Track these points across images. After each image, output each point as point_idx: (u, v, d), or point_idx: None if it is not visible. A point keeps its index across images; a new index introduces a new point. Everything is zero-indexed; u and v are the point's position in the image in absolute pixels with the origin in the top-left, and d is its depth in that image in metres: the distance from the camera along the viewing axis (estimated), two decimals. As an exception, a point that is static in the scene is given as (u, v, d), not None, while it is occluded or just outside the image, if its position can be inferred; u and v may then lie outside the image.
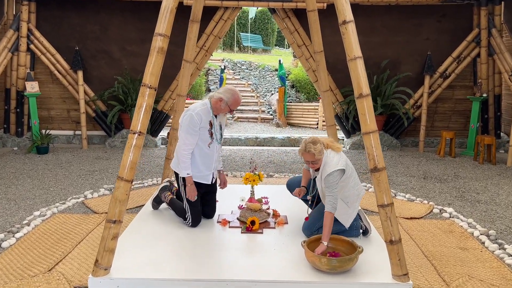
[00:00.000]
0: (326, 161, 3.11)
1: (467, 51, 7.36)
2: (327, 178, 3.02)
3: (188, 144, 3.32)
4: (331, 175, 3.02)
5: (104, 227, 2.66)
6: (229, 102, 3.37)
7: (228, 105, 3.38)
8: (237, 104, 3.43)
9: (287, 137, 8.26)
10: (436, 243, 3.66)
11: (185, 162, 3.33)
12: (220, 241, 3.22)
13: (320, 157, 3.07)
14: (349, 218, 3.21)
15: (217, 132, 3.49)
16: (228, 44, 18.36)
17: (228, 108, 3.40)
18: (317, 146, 3.05)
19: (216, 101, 3.40)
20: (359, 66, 2.67)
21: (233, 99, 3.38)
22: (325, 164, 3.10)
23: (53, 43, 7.42)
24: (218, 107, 3.40)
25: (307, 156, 3.10)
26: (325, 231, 2.89)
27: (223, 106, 3.38)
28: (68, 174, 5.78)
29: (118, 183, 2.66)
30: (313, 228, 3.21)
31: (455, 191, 5.17)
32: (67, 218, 4.15)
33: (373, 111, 2.70)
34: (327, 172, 3.04)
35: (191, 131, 3.31)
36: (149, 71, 2.71)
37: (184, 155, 3.32)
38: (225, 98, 3.36)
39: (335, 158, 3.12)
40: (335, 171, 3.04)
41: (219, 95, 3.39)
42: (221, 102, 3.37)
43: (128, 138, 2.69)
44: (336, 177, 3.03)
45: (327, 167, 3.08)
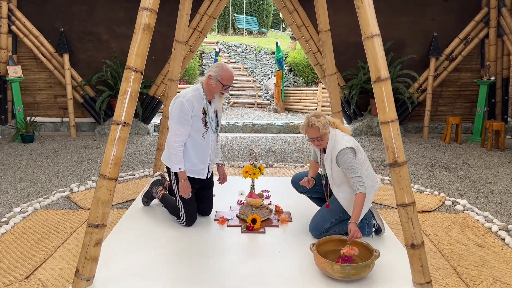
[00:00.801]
0: (335, 139, 2.82)
1: (475, 31, 6.99)
2: (341, 158, 2.72)
3: (180, 135, 2.97)
4: (344, 154, 2.72)
5: (85, 232, 2.32)
6: (219, 76, 2.98)
7: (219, 81, 2.99)
8: (228, 77, 3.01)
9: (285, 124, 7.91)
10: (453, 240, 3.37)
11: (177, 155, 2.98)
12: (218, 243, 2.89)
13: (325, 132, 2.78)
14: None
15: (212, 120, 3.13)
16: (222, 27, 17.81)
17: (220, 84, 3.00)
18: (320, 120, 2.76)
19: (206, 82, 3.04)
20: (377, 45, 2.31)
21: (222, 72, 2.99)
22: (335, 143, 2.81)
23: (36, 24, 6.96)
24: (210, 88, 3.04)
25: (310, 132, 2.79)
26: (356, 210, 2.64)
27: (214, 83, 3.00)
28: (53, 164, 5.42)
29: (100, 181, 2.31)
30: (321, 229, 2.89)
31: (465, 181, 4.88)
32: (50, 214, 3.80)
33: (392, 96, 2.35)
34: (337, 150, 2.74)
35: (182, 120, 2.95)
36: (134, 52, 2.34)
37: (175, 147, 2.97)
38: (213, 73, 2.99)
39: (345, 137, 2.82)
40: (346, 148, 2.74)
41: (207, 73, 3.05)
42: (211, 79, 3.00)
43: (111, 129, 2.33)
44: (351, 155, 2.72)
45: (337, 145, 2.79)
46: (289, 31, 16.88)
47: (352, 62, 7.27)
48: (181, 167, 3.00)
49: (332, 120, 2.91)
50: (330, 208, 2.88)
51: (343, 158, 2.73)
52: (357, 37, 7.26)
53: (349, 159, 2.72)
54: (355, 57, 7.30)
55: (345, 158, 2.72)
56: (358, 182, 2.70)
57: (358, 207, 2.65)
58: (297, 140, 7.12)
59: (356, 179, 2.70)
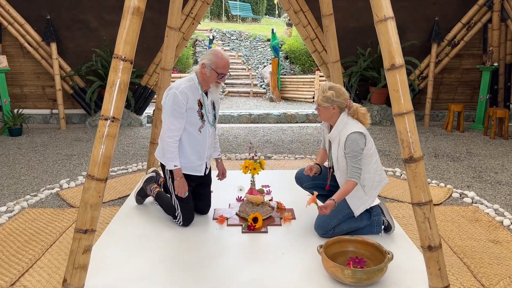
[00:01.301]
0: (346, 123, 2.67)
1: (478, 16, 6.77)
2: (349, 143, 2.59)
3: (174, 130, 2.75)
4: (354, 138, 2.59)
5: (73, 239, 2.12)
6: (214, 64, 2.75)
7: (213, 69, 2.76)
8: (224, 65, 2.78)
9: (283, 113, 7.69)
10: (464, 236, 3.21)
11: (172, 151, 2.77)
12: (218, 244, 2.70)
13: (323, 104, 2.67)
14: (361, 205, 2.72)
15: (209, 112, 2.91)
16: (216, 13, 17.43)
17: (215, 73, 2.77)
18: (328, 92, 2.66)
19: (200, 70, 2.81)
20: (391, 29, 2.10)
21: (216, 59, 2.76)
22: (345, 126, 2.67)
23: (21, 11, 6.64)
24: (204, 76, 2.81)
25: (317, 97, 2.74)
26: (341, 193, 2.62)
27: (208, 71, 2.77)
28: (42, 159, 5.18)
29: (88, 182, 2.10)
30: (328, 227, 2.71)
31: (471, 171, 4.72)
32: (38, 213, 3.59)
33: (408, 86, 2.15)
34: (346, 134, 2.60)
35: (176, 113, 2.73)
36: (122, 39, 2.11)
37: (169, 143, 2.76)
38: (207, 61, 2.77)
39: (357, 124, 2.68)
40: (357, 132, 2.60)
41: (201, 61, 2.82)
42: (204, 68, 2.78)
43: (99, 125, 2.11)
44: (359, 141, 2.59)
45: (346, 128, 2.64)
46: (284, 17, 16.56)
47: (352, 49, 7.04)
48: (176, 164, 2.78)
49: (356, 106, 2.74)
50: (337, 205, 2.70)
51: (352, 144, 2.61)
52: (356, 23, 7.12)
53: (357, 147, 2.60)
54: (355, 44, 7.08)
55: (353, 144, 2.61)
56: (356, 172, 2.61)
57: (344, 192, 2.62)
58: (295, 130, 6.91)
59: (355, 169, 2.61)
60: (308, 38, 6.49)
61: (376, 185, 2.74)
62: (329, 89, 2.68)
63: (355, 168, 2.61)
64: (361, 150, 2.61)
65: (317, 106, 2.76)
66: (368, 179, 2.71)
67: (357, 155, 2.60)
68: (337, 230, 2.69)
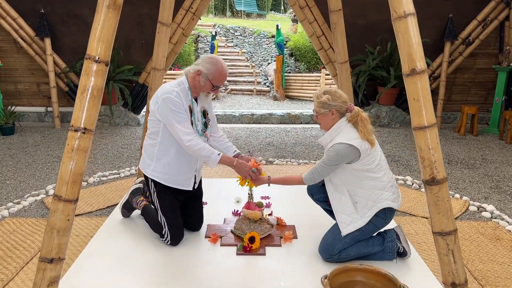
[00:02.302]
0: (341, 129, 2.41)
1: (495, 13, 6.39)
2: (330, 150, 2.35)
3: (189, 133, 2.44)
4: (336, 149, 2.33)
5: (37, 269, 1.82)
6: (210, 75, 2.46)
7: (209, 80, 2.48)
8: (221, 77, 2.50)
9: (286, 113, 7.37)
10: (484, 257, 2.89)
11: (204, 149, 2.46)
12: (208, 269, 2.39)
13: (319, 110, 2.45)
14: (350, 224, 2.38)
15: (199, 121, 2.60)
16: (220, 9, 17.08)
17: (210, 84, 2.49)
18: (323, 97, 2.43)
19: (193, 76, 2.50)
20: (412, 28, 1.78)
21: (215, 71, 2.46)
22: (339, 132, 2.42)
23: (14, 5, 6.35)
24: (197, 84, 2.50)
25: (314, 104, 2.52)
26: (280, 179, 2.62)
27: (203, 81, 2.48)
28: (31, 161, 4.90)
29: (55, 204, 1.80)
30: (332, 250, 2.39)
31: (488, 180, 4.38)
32: (19, 224, 3.31)
33: (430, 94, 1.83)
34: (334, 142, 2.38)
35: (181, 115, 2.43)
36: (95, 37, 1.80)
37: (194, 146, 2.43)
38: (203, 69, 2.46)
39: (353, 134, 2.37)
40: (344, 144, 2.31)
41: (196, 67, 2.49)
42: (199, 76, 2.48)
43: (68, 137, 1.81)
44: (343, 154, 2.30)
45: (338, 136, 2.41)
46: (290, 13, 16.19)
47: (359, 47, 6.70)
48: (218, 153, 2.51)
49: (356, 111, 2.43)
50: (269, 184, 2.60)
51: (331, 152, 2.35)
52: (365, 19, 6.76)
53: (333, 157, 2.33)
54: (363, 41, 6.73)
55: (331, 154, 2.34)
56: (312, 173, 2.43)
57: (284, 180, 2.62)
58: (299, 132, 6.59)
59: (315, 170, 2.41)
60: (314, 35, 6.15)
61: (371, 205, 2.38)
62: (323, 94, 2.44)
63: (315, 170, 2.41)
64: (336, 162, 2.32)
65: (315, 115, 2.50)
66: (361, 195, 2.39)
67: (328, 161, 2.34)
68: (344, 255, 2.38)
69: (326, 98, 2.41)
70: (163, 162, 2.56)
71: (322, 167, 2.37)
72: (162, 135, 2.53)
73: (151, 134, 2.60)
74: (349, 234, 2.40)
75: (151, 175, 2.60)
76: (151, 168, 2.60)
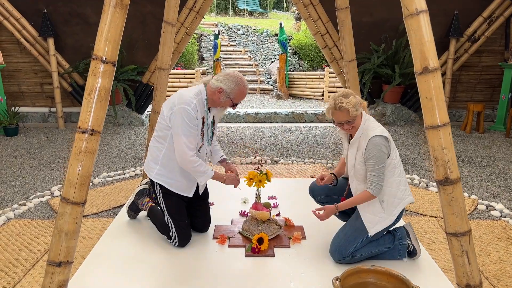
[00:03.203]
0: (367, 125, 2.30)
1: (500, 9, 6.33)
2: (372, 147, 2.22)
3: (193, 148, 2.47)
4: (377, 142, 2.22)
5: (45, 273, 1.80)
6: (232, 93, 2.46)
7: (230, 98, 2.49)
8: (242, 96, 2.52)
9: (291, 112, 7.33)
10: (495, 257, 2.85)
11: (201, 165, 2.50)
12: (217, 271, 2.37)
13: (357, 114, 2.27)
14: (377, 224, 2.34)
15: (209, 130, 2.61)
16: (222, 7, 17.04)
17: (230, 101, 2.50)
18: (350, 100, 2.25)
19: (214, 92, 2.49)
20: (424, 25, 1.74)
21: (237, 90, 2.46)
22: (366, 128, 2.30)
23: (17, 5, 6.34)
24: (216, 99, 2.50)
25: (339, 116, 2.29)
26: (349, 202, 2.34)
27: (223, 99, 2.48)
28: (36, 162, 4.89)
29: (63, 207, 1.78)
30: (345, 252, 2.35)
31: (496, 178, 4.34)
32: (25, 226, 3.29)
33: (443, 93, 1.79)
34: (369, 136, 2.24)
35: (192, 130, 2.44)
36: (102, 37, 1.77)
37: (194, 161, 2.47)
38: (226, 88, 2.45)
39: (380, 126, 2.32)
40: (381, 136, 2.23)
41: (218, 83, 2.46)
42: (221, 93, 2.47)
43: (75, 139, 1.79)
44: (383, 147, 2.22)
45: (369, 131, 2.28)
46: (292, 11, 16.14)
47: (364, 45, 6.65)
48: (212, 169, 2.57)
49: (363, 102, 2.38)
50: (357, 226, 2.35)
51: (374, 148, 2.23)
52: (370, 17, 6.71)
53: (379, 155, 2.23)
54: (368, 39, 6.69)
55: (376, 149, 2.22)
56: (375, 182, 2.25)
57: (355, 200, 2.32)
58: (304, 130, 6.56)
59: (375, 178, 2.25)
60: (318, 33, 6.12)
61: (397, 202, 2.36)
62: (345, 98, 2.27)
63: (375, 177, 2.25)
64: (385, 156, 2.24)
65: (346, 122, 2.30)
66: (389, 193, 2.35)
67: (380, 161, 2.23)
68: (356, 256, 2.35)
69: (352, 98, 2.27)
70: (168, 168, 2.56)
71: (379, 170, 2.25)
72: (170, 140, 2.52)
73: (159, 137, 2.58)
74: (362, 235, 2.36)
75: (155, 178, 2.60)
76: (155, 172, 2.60)
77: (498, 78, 6.75)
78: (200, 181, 2.56)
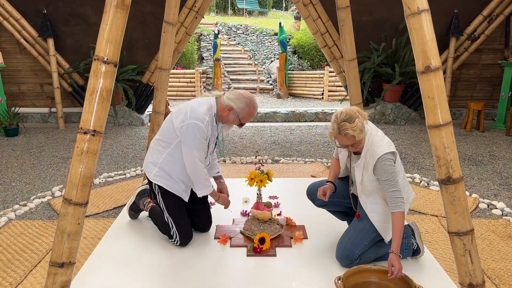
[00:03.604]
0: (373, 141, 2.21)
1: (500, 8, 6.33)
2: (382, 167, 2.14)
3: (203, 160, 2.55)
4: (386, 161, 2.13)
5: (48, 274, 1.80)
6: (241, 114, 2.51)
7: (238, 118, 2.53)
8: (251, 117, 2.57)
9: (291, 111, 7.33)
10: (496, 256, 2.85)
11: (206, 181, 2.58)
12: (218, 271, 2.37)
13: (362, 137, 2.16)
14: (390, 230, 2.30)
15: (213, 142, 2.67)
16: (221, 7, 17.03)
17: (238, 120, 2.55)
18: (355, 124, 2.11)
19: (223, 109, 2.53)
20: (426, 24, 1.74)
21: (247, 111, 2.52)
22: (372, 145, 2.21)
23: (16, 6, 6.33)
24: (225, 116, 2.54)
25: (343, 140, 2.18)
26: (396, 238, 2.10)
27: (232, 117, 2.53)
28: (37, 162, 4.89)
29: (65, 208, 1.78)
30: (353, 256, 2.32)
31: (496, 177, 4.34)
32: (26, 226, 3.29)
33: (445, 92, 1.79)
34: (377, 155, 2.15)
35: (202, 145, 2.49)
36: (104, 37, 1.77)
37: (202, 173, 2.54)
38: (236, 107, 2.49)
39: (385, 138, 2.24)
40: (388, 153, 2.16)
41: (229, 102, 2.49)
42: (230, 112, 2.51)
43: (77, 140, 1.78)
44: (392, 163, 2.16)
45: (375, 148, 2.19)
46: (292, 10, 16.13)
47: (364, 44, 6.65)
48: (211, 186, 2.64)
49: (363, 113, 2.25)
50: (361, 228, 2.33)
51: (384, 167, 2.15)
52: (370, 16, 6.71)
53: (390, 169, 2.15)
54: (367, 38, 6.68)
55: (387, 168, 2.15)
56: (398, 198, 2.15)
57: (398, 231, 2.11)
58: (304, 130, 6.56)
59: (396, 194, 2.15)
60: (318, 33, 6.11)
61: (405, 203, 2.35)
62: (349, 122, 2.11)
63: (396, 193, 2.15)
64: (395, 171, 2.18)
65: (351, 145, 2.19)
66: None
67: (393, 178, 2.16)
68: (364, 259, 2.33)
69: (357, 121, 2.12)
70: (166, 172, 2.59)
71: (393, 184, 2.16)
72: (173, 148, 2.55)
73: (161, 141, 2.60)
74: (369, 237, 2.35)
75: (154, 179, 2.62)
76: (153, 173, 2.62)
77: (498, 76, 6.75)
78: (199, 193, 2.60)
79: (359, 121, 2.12)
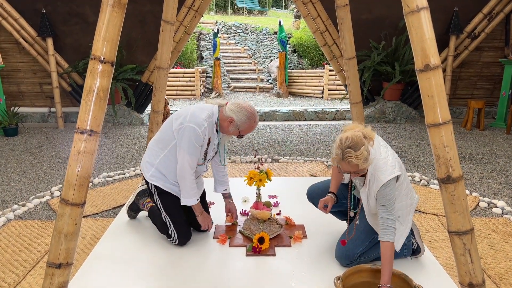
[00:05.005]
0: (376, 165, 2.11)
1: (500, 6, 6.30)
2: (383, 191, 2.08)
3: (194, 167, 2.52)
4: (388, 186, 2.07)
5: (45, 274, 1.79)
6: (242, 126, 2.50)
7: (238, 130, 2.52)
8: (251, 130, 2.56)
9: (291, 110, 7.31)
10: (497, 255, 2.84)
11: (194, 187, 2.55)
12: (217, 271, 2.35)
13: (366, 166, 2.06)
14: (400, 237, 2.28)
15: (212, 151, 2.66)
16: (221, 6, 17.01)
17: (238, 132, 2.54)
18: (360, 152, 1.97)
19: (224, 120, 2.52)
20: (425, 22, 1.73)
21: (247, 124, 2.50)
22: (376, 169, 2.11)
23: (15, 5, 6.32)
24: (225, 126, 2.54)
25: (346, 167, 2.05)
26: (386, 270, 2.00)
27: (232, 129, 2.52)
28: (36, 162, 4.88)
29: (62, 208, 1.76)
30: (353, 256, 2.31)
31: (497, 175, 4.33)
32: (25, 227, 3.28)
33: (444, 91, 1.78)
34: (382, 182, 2.07)
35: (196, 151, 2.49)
36: (100, 36, 1.76)
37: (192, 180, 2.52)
38: (237, 120, 2.47)
39: (389, 160, 2.14)
40: (392, 179, 2.09)
41: (231, 113, 2.48)
42: (231, 123, 2.50)
43: (74, 140, 1.77)
44: (393, 188, 2.10)
45: (379, 173, 2.09)
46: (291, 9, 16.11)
47: (364, 42, 6.63)
48: (196, 198, 2.58)
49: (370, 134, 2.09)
50: (360, 229, 2.32)
51: (384, 193, 2.08)
52: (369, 14, 6.69)
53: (390, 196, 2.09)
54: (367, 37, 6.67)
55: (386, 194, 2.08)
56: (389, 227, 2.06)
57: (388, 264, 2.00)
58: (304, 129, 6.54)
59: (389, 222, 2.07)
60: (318, 31, 6.09)
61: (409, 210, 2.31)
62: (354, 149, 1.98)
63: (387, 221, 2.07)
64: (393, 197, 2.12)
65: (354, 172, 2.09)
66: (403, 207, 2.27)
67: (390, 205, 2.10)
68: (364, 259, 2.32)
69: (363, 149, 1.99)
70: (162, 172, 2.59)
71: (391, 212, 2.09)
72: (171, 149, 2.55)
73: (159, 142, 2.61)
74: (369, 237, 2.33)
75: (150, 179, 2.62)
76: (150, 173, 2.62)
77: (499, 74, 6.73)
78: (182, 201, 2.57)
79: (365, 149, 1.99)
